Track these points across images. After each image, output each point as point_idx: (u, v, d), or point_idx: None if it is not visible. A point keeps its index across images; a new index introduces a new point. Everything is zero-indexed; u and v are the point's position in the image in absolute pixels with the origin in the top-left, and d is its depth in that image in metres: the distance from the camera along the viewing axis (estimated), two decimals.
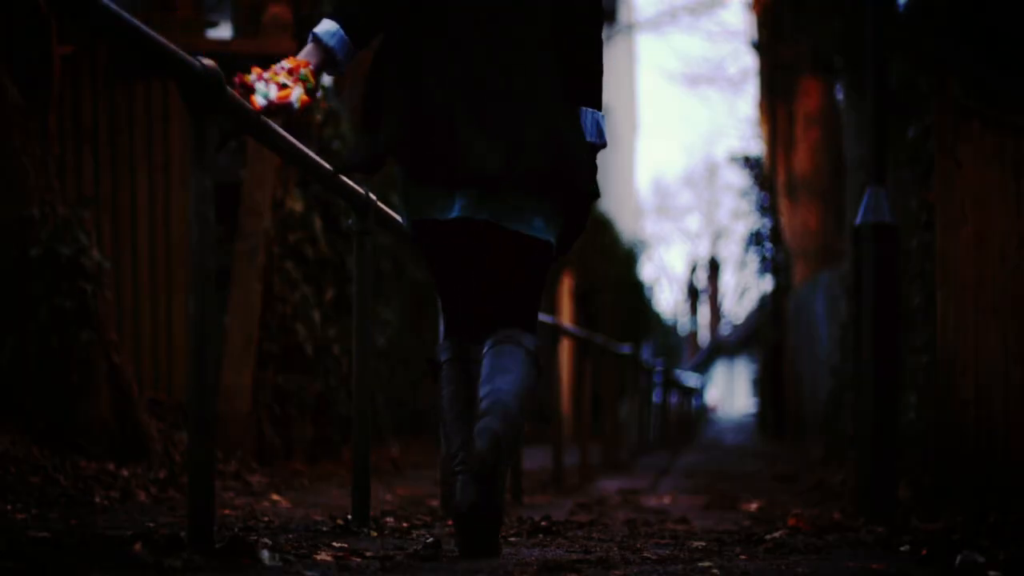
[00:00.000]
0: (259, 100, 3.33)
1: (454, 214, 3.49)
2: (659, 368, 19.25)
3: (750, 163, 23.43)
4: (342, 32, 3.50)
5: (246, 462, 7.10)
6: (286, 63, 3.43)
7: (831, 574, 3.40)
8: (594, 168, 3.62)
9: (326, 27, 3.52)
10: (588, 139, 3.59)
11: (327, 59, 3.50)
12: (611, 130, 30.29)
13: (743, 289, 41.78)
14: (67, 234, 5.69)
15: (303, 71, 3.42)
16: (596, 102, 3.63)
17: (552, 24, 3.59)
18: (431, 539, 3.60)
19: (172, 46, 2.95)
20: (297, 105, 3.36)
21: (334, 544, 3.65)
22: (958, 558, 3.53)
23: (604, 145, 3.63)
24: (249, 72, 3.39)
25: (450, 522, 4.91)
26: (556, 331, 9.58)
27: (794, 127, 19.44)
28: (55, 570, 2.66)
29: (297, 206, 8.22)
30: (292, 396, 8.08)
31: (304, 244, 8.37)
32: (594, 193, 3.57)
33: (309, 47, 3.51)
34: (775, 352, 20.84)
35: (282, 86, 3.36)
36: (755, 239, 22.73)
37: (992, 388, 6.17)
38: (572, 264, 21.55)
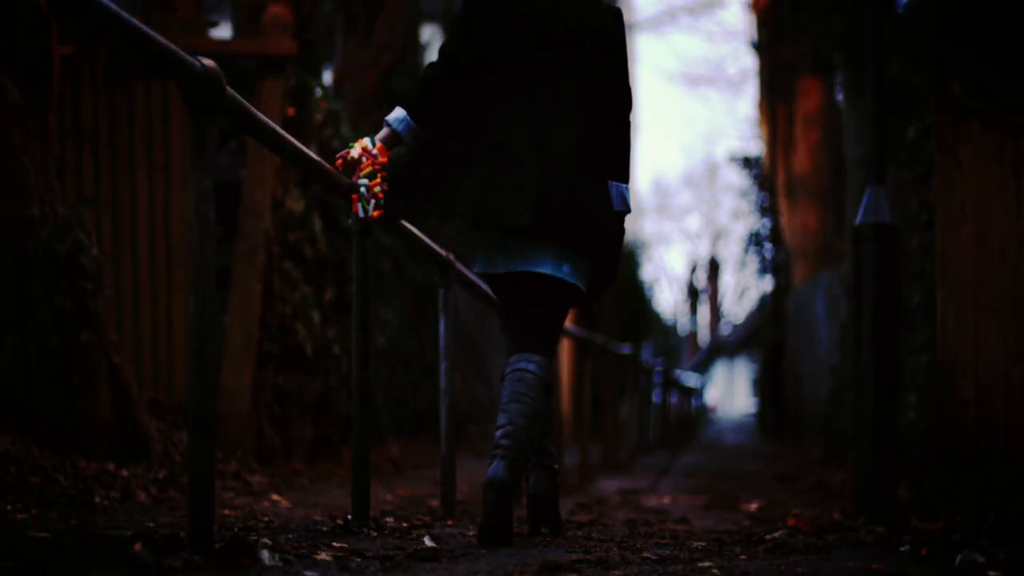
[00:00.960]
0: (361, 212, 4.12)
1: (502, 269, 4.24)
2: (659, 368, 19.25)
3: (750, 163, 23.43)
4: (409, 119, 4.21)
5: (246, 462, 7.10)
6: (379, 155, 4.14)
7: (831, 574, 3.40)
8: (620, 232, 4.34)
9: (396, 115, 4.22)
10: (616, 208, 4.28)
11: (396, 140, 4.23)
12: None
13: (743, 289, 41.78)
14: (67, 234, 5.69)
15: (384, 164, 4.18)
16: (624, 177, 4.31)
17: (591, 109, 4.26)
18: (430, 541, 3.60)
19: (172, 46, 2.95)
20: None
21: (334, 544, 3.65)
22: (958, 558, 3.53)
23: (628, 211, 4.33)
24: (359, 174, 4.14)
25: (449, 522, 4.93)
26: None
27: (794, 127, 19.43)
28: (55, 570, 2.66)
29: (297, 206, 8.22)
30: (292, 396, 8.07)
31: (304, 244, 8.37)
32: (615, 255, 4.31)
33: (384, 132, 4.21)
34: (775, 352, 20.83)
35: (377, 205, 4.15)
36: (755, 239, 22.73)
37: (992, 388, 6.17)
38: None
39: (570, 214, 4.12)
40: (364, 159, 4.12)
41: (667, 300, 49.30)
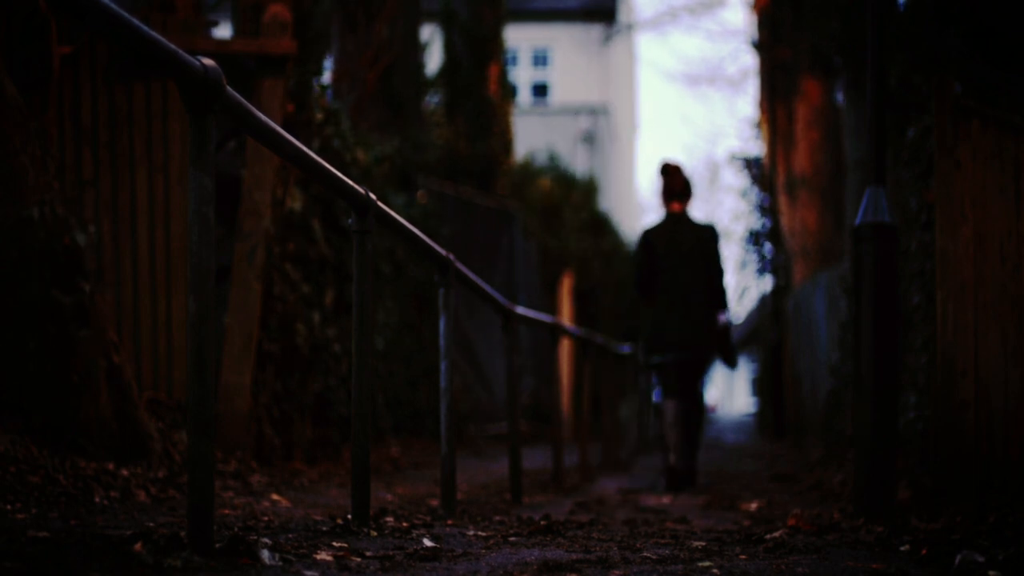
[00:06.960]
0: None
1: (671, 357, 8.94)
2: None
3: (750, 163, 23.42)
4: (641, 297, 9.21)
5: (246, 462, 7.10)
6: None
7: (831, 574, 3.40)
8: (727, 330, 9.07)
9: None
10: (721, 323, 8.95)
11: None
12: (615, 134, 30.50)
13: (743, 289, 41.75)
14: (66, 234, 5.69)
15: None
16: (724, 307, 8.99)
17: (706, 278, 8.88)
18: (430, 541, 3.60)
19: (172, 46, 2.95)
20: None
21: (334, 544, 3.65)
22: (958, 558, 3.53)
23: (731, 323, 9.01)
24: None
25: (449, 522, 4.95)
26: (556, 331, 9.57)
27: (794, 127, 19.43)
28: (55, 570, 2.66)
29: (297, 206, 8.21)
30: (292, 396, 8.07)
31: (304, 244, 8.37)
32: (731, 354, 9.28)
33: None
34: (775, 352, 20.82)
35: None
36: (754, 239, 22.72)
37: (992, 388, 6.17)
38: (572, 264, 21.53)
39: (699, 338, 8.86)
40: None
41: None
